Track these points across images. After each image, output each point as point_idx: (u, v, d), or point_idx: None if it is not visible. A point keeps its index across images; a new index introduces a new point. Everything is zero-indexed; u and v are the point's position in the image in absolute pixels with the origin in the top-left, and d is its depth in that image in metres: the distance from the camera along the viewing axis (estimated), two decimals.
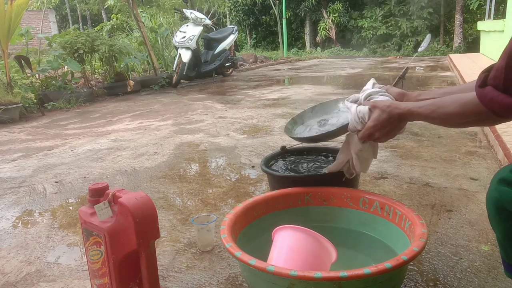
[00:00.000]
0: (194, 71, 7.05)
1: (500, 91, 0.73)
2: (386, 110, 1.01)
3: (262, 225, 1.37)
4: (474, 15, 14.50)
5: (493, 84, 0.73)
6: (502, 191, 0.86)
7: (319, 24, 15.89)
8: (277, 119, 3.99)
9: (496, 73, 0.73)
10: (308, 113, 1.50)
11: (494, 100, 0.73)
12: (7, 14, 4.85)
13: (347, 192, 1.41)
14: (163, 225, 1.80)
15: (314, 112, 1.49)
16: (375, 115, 1.03)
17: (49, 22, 16.60)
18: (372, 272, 0.94)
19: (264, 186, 2.23)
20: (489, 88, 0.74)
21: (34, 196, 2.28)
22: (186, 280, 1.38)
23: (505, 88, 0.72)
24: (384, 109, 1.01)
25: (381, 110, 1.02)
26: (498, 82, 0.72)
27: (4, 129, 4.25)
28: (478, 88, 0.76)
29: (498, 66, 0.72)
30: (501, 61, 0.72)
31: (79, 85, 6.15)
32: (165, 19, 9.49)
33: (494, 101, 0.73)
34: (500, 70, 0.72)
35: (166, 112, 4.68)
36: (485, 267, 1.37)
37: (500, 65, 0.72)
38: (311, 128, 1.39)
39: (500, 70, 0.72)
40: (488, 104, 0.75)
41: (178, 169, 2.64)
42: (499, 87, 0.72)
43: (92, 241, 1.11)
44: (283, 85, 7.01)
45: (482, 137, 3.02)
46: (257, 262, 1.01)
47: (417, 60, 11.18)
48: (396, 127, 1.04)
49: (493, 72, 0.74)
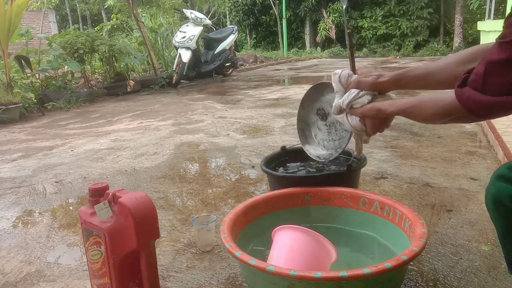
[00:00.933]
0: (194, 71, 7.04)
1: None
2: (377, 117, 1.03)
3: (262, 225, 1.37)
4: (474, 15, 14.49)
5: (472, 87, 0.76)
6: (499, 186, 0.89)
7: (319, 24, 15.87)
8: (277, 119, 3.99)
9: (476, 78, 0.75)
10: (301, 113, 1.49)
11: (470, 98, 0.76)
12: (7, 14, 4.86)
13: (347, 192, 1.41)
14: (163, 225, 1.80)
15: (305, 108, 1.48)
16: (369, 124, 1.06)
17: (49, 22, 16.60)
18: (372, 272, 0.94)
19: (264, 186, 2.23)
20: (467, 88, 0.77)
21: (34, 196, 2.28)
22: (186, 280, 1.38)
23: (482, 92, 0.74)
24: (373, 115, 1.03)
25: (372, 119, 1.05)
26: (476, 86, 0.74)
27: (4, 129, 4.25)
28: (457, 88, 0.79)
29: (477, 71, 0.74)
30: (480, 66, 0.74)
31: (79, 85, 6.15)
32: (165, 19, 9.49)
33: (471, 99, 0.75)
34: (479, 75, 0.74)
35: (166, 112, 4.68)
36: (485, 267, 1.37)
37: (479, 71, 0.74)
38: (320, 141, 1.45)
39: (479, 75, 0.74)
40: (465, 102, 0.77)
41: (178, 169, 2.64)
42: (477, 90, 0.75)
43: (92, 241, 1.11)
44: (283, 85, 7.02)
45: (482, 137, 3.02)
46: (257, 262, 1.01)
47: (417, 60, 11.18)
48: (386, 122, 1.08)
49: (473, 75, 0.76)
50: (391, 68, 9.01)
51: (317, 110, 1.45)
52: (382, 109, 1.00)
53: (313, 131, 1.51)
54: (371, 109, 1.02)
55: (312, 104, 1.46)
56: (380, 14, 15.05)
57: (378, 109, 1.00)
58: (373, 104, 1.03)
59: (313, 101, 1.46)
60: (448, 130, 3.22)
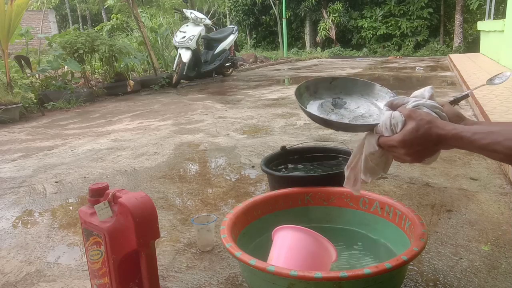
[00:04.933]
0: (194, 71, 7.04)
1: None
2: (424, 126, 0.79)
3: (262, 225, 1.37)
4: (474, 15, 14.50)
5: None
6: None
7: (319, 24, 15.88)
8: (277, 119, 3.99)
9: None
10: (325, 83, 1.17)
11: None
12: (7, 14, 4.85)
13: (347, 192, 1.41)
14: (163, 225, 1.80)
15: (333, 84, 1.17)
16: (408, 128, 0.81)
17: (49, 22, 16.60)
18: (372, 272, 0.94)
19: (264, 186, 2.23)
20: None
21: (34, 196, 2.28)
22: (186, 280, 1.38)
23: None
24: (421, 124, 0.80)
25: (417, 124, 0.80)
26: None
27: (4, 129, 4.24)
28: None
29: None
30: None
31: (79, 85, 6.15)
32: (165, 19, 9.50)
33: None
34: None
35: (166, 112, 4.68)
36: (485, 267, 1.37)
37: None
38: (324, 104, 1.11)
39: None
40: None
41: (178, 169, 2.64)
42: None
43: (92, 241, 1.11)
44: (283, 85, 7.01)
45: None
46: (257, 262, 1.01)
47: (417, 60, 11.18)
48: (429, 150, 0.83)
49: None
50: (391, 68, 9.01)
51: (337, 98, 1.15)
52: (439, 124, 0.79)
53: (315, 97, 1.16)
54: (427, 116, 0.82)
55: (340, 90, 1.16)
56: (380, 14, 15.06)
57: (435, 121, 0.80)
58: (434, 118, 0.82)
59: (344, 90, 1.17)
60: None
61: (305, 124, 3.67)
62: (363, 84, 1.15)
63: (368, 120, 1.04)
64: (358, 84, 1.15)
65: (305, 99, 1.11)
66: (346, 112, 1.09)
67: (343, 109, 1.11)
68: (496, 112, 3.35)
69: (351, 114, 1.08)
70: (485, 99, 3.91)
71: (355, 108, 1.10)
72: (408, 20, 14.58)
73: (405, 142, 0.82)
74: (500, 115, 3.23)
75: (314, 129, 3.49)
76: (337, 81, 1.16)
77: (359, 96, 1.14)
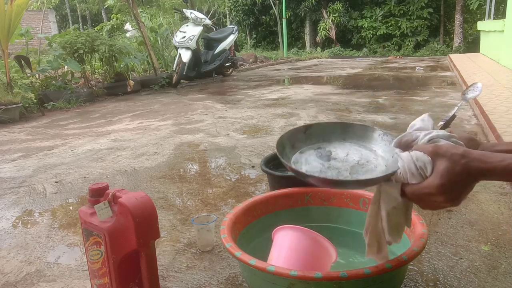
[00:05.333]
0: (194, 71, 7.05)
1: None
2: (459, 163, 0.68)
3: (262, 225, 1.37)
4: (474, 15, 14.50)
5: None
6: None
7: (319, 24, 15.88)
8: (277, 119, 3.99)
9: None
10: (299, 134, 0.99)
11: None
12: (7, 14, 4.85)
13: (347, 192, 1.41)
14: (163, 225, 1.80)
15: (308, 134, 0.99)
16: (442, 169, 0.69)
17: (49, 22, 16.60)
18: (372, 272, 0.94)
19: (264, 186, 2.23)
20: None
21: (34, 196, 2.28)
22: (186, 280, 1.38)
23: None
24: (455, 160, 0.69)
25: (451, 162, 0.69)
26: None
27: (4, 129, 4.24)
28: None
29: None
30: None
31: (79, 85, 6.15)
32: (165, 19, 9.50)
33: None
34: None
35: (166, 112, 4.68)
36: (485, 267, 1.37)
37: None
38: (308, 160, 0.94)
39: None
40: None
41: (178, 169, 2.64)
42: None
43: (92, 241, 1.11)
44: (283, 85, 7.01)
45: (482, 137, 3.02)
46: (257, 262, 1.01)
47: (417, 60, 11.18)
48: (469, 188, 0.71)
49: None
50: (391, 68, 9.01)
51: (320, 150, 0.98)
52: (473, 155, 0.69)
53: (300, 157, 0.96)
54: (455, 148, 0.71)
55: (318, 139, 1.00)
56: (380, 14, 15.07)
57: (467, 153, 0.69)
58: (463, 149, 0.71)
59: (322, 137, 1.00)
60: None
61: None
62: (342, 126, 1.01)
63: (369, 167, 0.89)
64: (336, 127, 1.00)
65: (289, 155, 0.95)
66: (338, 164, 0.92)
67: (332, 160, 0.93)
68: (496, 112, 3.35)
69: (346, 165, 0.91)
70: (485, 99, 3.91)
71: (344, 156, 0.94)
72: (408, 20, 14.58)
73: (445, 187, 0.69)
74: (500, 115, 3.23)
75: None
76: (312, 129, 1.00)
77: (341, 140, 0.98)
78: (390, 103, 4.63)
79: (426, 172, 0.72)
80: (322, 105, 4.60)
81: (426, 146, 0.75)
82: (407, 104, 4.48)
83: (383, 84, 6.47)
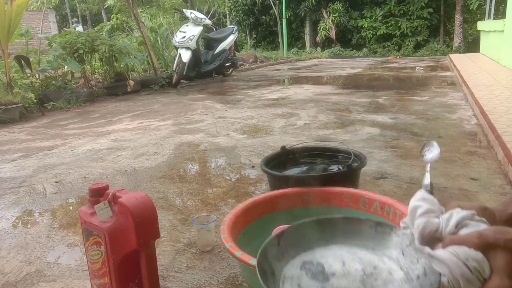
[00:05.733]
0: (194, 71, 7.05)
1: None
2: None
3: (262, 225, 1.37)
4: (474, 15, 14.51)
5: None
6: None
7: (319, 24, 15.88)
8: (277, 119, 3.99)
9: None
10: (272, 249, 0.72)
11: None
12: (7, 14, 4.85)
13: (347, 192, 1.41)
14: (163, 225, 1.80)
15: (282, 246, 0.71)
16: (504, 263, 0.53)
17: (49, 22, 16.60)
18: None
19: (264, 186, 2.23)
20: None
21: (34, 196, 2.28)
22: (186, 280, 1.38)
23: None
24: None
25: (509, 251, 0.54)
26: None
27: (4, 129, 4.24)
28: None
29: None
30: None
31: (79, 85, 6.15)
32: (165, 19, 9.50)
33: None
34: None
35: (166, 112, 4.68)
36: None
37: None
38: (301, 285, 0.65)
39: None
40: None
41: (178, 169, 2.64)
42: None
43: (92, 241, 1.11)
44: (283, 85, 7.02)
45: (482, 137, 3.02)
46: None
47: (417, 60, 11.18)
48: None
49: None
50: (391, 68, 9.01)
51: (305, 264, 0.68)
52: None
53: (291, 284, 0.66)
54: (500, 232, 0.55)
55: (297, 249, 0.70)
56: (380, 14, 15.07)
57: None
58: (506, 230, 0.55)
59: (303, 245, 0.70)
60: (448, 130, 3.22)
61: (305, 124, 3.68)
62: (318, 223, 0.69)
63: (382, 275, 0.62)
64: (311, 227, 0.70)
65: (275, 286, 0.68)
66: (342, 281, 0.63)
67: (332, 278, 0.64)
68: (496, 112, 3.35)
69: (352, 281, 0.63)
70: (485, 99, 3.92)
71: (341, 268, 0.65)
72: (408, 20, 14.58)
73: None
74: (500, 115, 3.24)
75: (314, 129, 3.49)
76: (284, 238, 0.70)
77: (324, 244, 0.69)
78: (390, 103, 4.63)
79: (484, 274, 0.55)
80: (322, 105, 4.60)
81: (467, 237, 0.57)
82: (407, 104, 4.48)
83: (383, 84, 6.47)
